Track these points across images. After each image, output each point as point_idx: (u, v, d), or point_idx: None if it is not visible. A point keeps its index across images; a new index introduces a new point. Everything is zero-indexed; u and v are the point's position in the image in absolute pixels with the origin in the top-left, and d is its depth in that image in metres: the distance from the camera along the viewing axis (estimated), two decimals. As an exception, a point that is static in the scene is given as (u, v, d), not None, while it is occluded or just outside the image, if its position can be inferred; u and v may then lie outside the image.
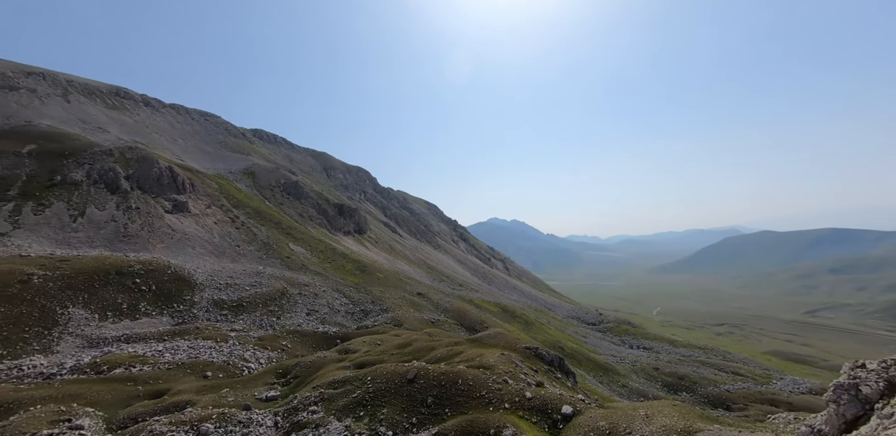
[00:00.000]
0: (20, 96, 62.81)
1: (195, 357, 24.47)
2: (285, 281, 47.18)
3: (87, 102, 73.50)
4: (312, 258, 59.72)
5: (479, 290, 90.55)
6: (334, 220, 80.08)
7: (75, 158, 50.17)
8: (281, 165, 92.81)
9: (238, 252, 51.52)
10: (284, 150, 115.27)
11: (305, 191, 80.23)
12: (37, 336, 23.50)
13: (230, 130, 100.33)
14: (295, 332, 35.40)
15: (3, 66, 66.62)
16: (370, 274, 61.97)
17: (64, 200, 42.34)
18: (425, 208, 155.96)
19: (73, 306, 27.61)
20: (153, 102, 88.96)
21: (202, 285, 39.71)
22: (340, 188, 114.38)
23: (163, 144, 75.12)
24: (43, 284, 27.94)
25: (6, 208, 37.71)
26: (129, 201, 47.73)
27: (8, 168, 43.19)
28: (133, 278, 34.56)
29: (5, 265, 28.35)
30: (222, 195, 61.87)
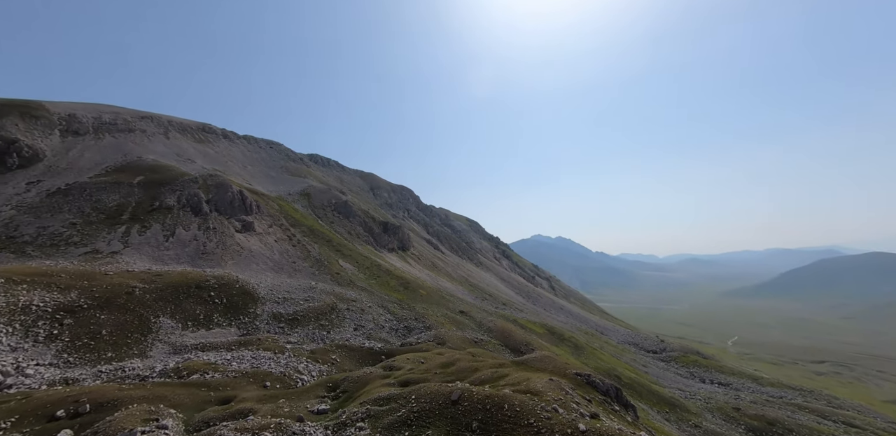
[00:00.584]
0: (135, 136, 76.35)
1: (257, 367, 26.45)
2: (335, 296, 49.71)
3: (181, 138, 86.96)
4: (359, 274, 62.43)
5: (523, 309, 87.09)
6: (379, 237, 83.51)
7: (170, 186, 59.00)
8: (333, 186, 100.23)
9: (294, 268, 55.70)
10: (336, 172, 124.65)
11: (354, 210, 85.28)
12: (136, 342, 27.32)
13: (290, 156, 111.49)
14: (343, 346, 36.82)
15: (126, 113, 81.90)
16: (413, 291, 62.97)
17: (160, 222, 49.67)
18: (466, 225, 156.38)
19: (163, 316, 31.73)
20: (230, 135, 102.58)
21: (264, 299, 43.33)
22: (385, 206, 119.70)
23: (236, 171, 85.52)
24: (142, 296, 32.61)
25: (120, 230, 45.22)
26: (208, 222, 54.51)
27: (123, 196, 52.11)
28: (209, 292, 38.88)
29: (117, 279, 33.69)
30: (282, 215, 68.08)
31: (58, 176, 53.70)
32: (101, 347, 25.95)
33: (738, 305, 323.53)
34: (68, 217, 44.81)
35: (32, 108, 65.28)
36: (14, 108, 63.06)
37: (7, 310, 25.04)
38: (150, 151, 74.00)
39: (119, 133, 74.09)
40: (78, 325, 26.78)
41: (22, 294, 27.29)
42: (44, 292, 28.48)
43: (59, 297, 28.78)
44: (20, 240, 39.15)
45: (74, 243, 41.24)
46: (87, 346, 25.33)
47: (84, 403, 15.98)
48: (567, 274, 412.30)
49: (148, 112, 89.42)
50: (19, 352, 22.36)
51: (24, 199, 45.65)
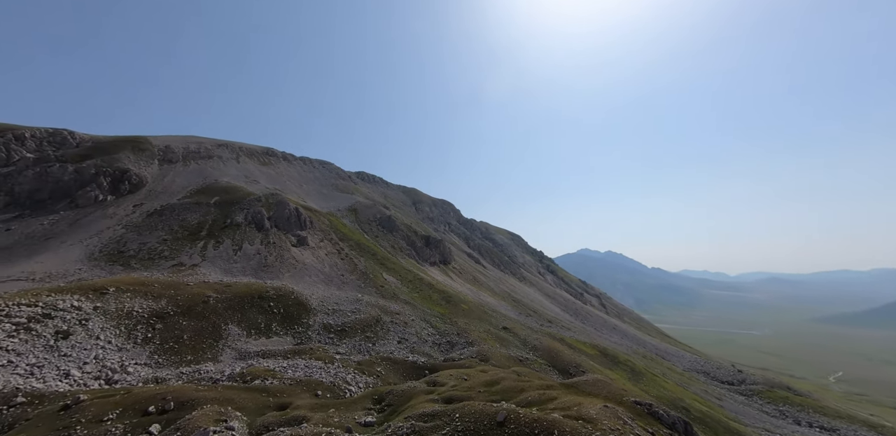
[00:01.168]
0: (213, 162, 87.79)
1: (309, 376, 28.08)
2: (380, 309, 51.36)
3: (249, 162, 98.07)
4: (402, 288, 63.97)
5: (571, 328, 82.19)
6: (421, 251, 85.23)
7: (239, 205, 66.42)
8: (377, 202, 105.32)
9: (342, 281, 58.78)
10: (381, 188, 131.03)
11: (397, 224, 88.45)
12: (209, 347, 30.68)
13: (340, 174, 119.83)
14: (388, 359, 37.68)
15: (207, 142, 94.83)
16: (455, 305, 62.82)
17: (230, 237, 55.87)
18: (508, 239, 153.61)
19: (231, 324, 35.28)
20: (289, 157, 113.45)
21: (315, 310, 46.17)
22: (427, 221, 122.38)
23: (292, 189, 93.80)
24: (215, 305, 36.65)
25: (199, 245, 51.71)
26: (269, 238, 60.07)
27: (202, 215, 59.73)
28: (268, 302, 42.49)
29: (195, 289, 38.34)
30: (332, 230, 72.78)
31: (155, 199, 63.30)
32: (182, 350, 29.51)
33: (838, 333, 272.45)
34: (161, 234, 52.36)
35: (139, 142, 78.42)
36: (127, 142, 76.26)
37: (116, 315, 29.70)
38: (225, 174, 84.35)
39: (201, 160, 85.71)
40: (166, 329, 30.83)
41: (126, 301, 32.22)
42: (142, 300, 33.33)
43: (152, 304, 33.49)
44: (127, 254, 46.47)
45: (165, 257, 47.90)
46: (172, 349, 28.99)
47: (169, 401, 18.23)
48: (619, 291, 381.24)
49: (224, 140, 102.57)
50: (123, 352, 26.29)
51: (131, 219, 54.41)
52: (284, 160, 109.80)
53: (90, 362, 24.03)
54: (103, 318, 29.10)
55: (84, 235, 49.00)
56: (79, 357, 24.12)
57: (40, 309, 26.75)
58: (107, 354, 25.48)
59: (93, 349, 25.30)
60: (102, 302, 30.81)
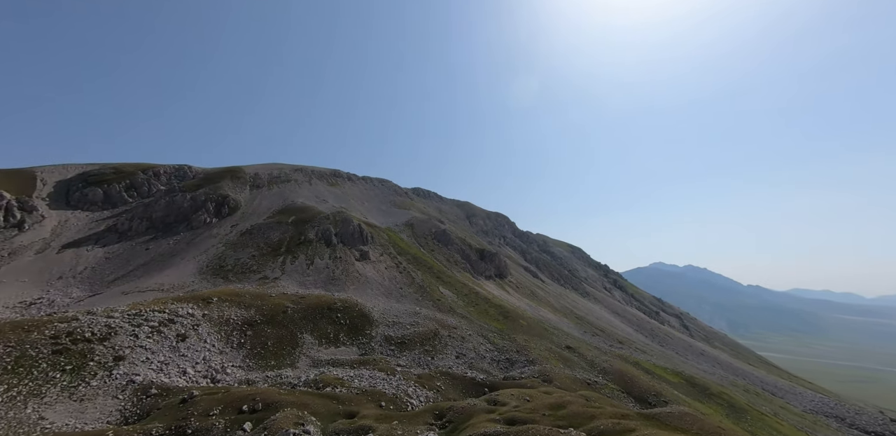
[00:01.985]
0: (290, 185, 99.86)
1: (373, 386, 29.54)
2: (437, 322, 52.12)
3: (319, 183, 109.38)
4: (458, 301, 64.22)
5: (647, 351, 73.75)
6: (476, 264, 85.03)
7: (311, 223, 74.06)
8: (432, 216, 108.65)
9: (401, 294, 61.17)
10: (435, 202, 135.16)
11: (451, 238, 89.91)
12: (288, 354, 34.29)
13: (397, 191, 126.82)
14: (446, 374, 37.88)
15: (286, 168, 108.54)
16: (513, 320, 60.98)
17: (304, 253, 62.31)
18: (568, 252, 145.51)
19: (305, 333, 39.00)
20: (352, 177, 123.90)
21: (377, 322, 48.63)
22: (481, 234, 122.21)
23: (355, 207, 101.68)
24: (292, 315, 40.96)
25: (279, 260, 58.67)
26: (336, 252, 65.56)
27: (282, 233, 67.88)
28: (336, 313, 46.04)
29: (277, 300, 43.38)
30: (391, 245, 76.72)
31: (247, 219, 73.89)
32: (267, 355, 33.43)
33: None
34: (251, 251, 60.67)
35: (236, 172, 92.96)
36: (227, 172, 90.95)
37: (218, 321, 34.99)
38: (300, 195, 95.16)
39: (282, 184, 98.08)
40: (255, 336, 35.31)
41: (225, 309, 37.79)
42: (237, 309, 38.78)
43: (244, 313, 38.74)
44: (226, 268, 54.72)
45: (253, 271, 55.24)
46: (259, 354, 33.05)
47: (258, 402, 20.75)
48: (705, 311, 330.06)
49: (300, 165, 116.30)
50: (223, 355, 30.78)
51: (229, 238, 64.20)
52: (349, 180, 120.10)
53: (200, 362, 28.59)
54: (209, 324, 34.48)
55: (196, 252, 59.02)
56: (192, 357, 28.86)
57: (167, 315, 32.77)
58: (212, 356, 30.05)
59: (202, 351, 30.08)
60: (208, 310, 36.56)
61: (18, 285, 44.38)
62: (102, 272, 51.98)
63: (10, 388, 20.02)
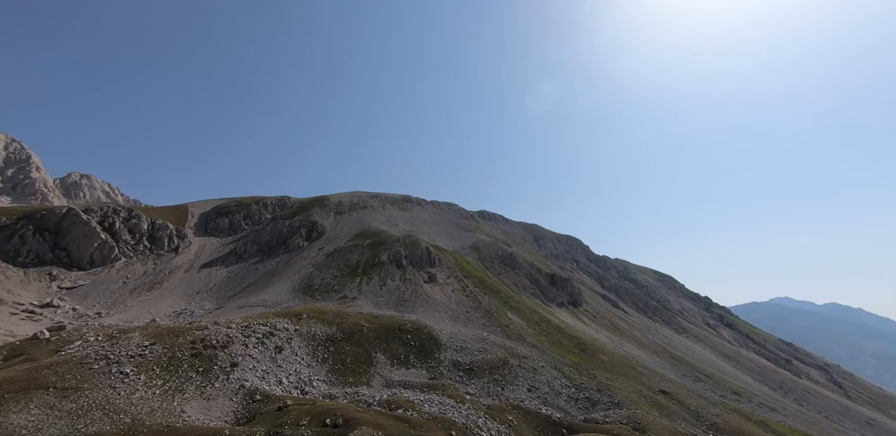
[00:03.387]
0: (367, 211, 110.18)
1: (443, 413, 29.49)
2: (506, 350, 50.18)
3: (392, 209, 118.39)
4: (528, 329, 61.12)
5: (777, 408, 59.35)
6: (546, 290, 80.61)
7: (384, 246, 79.85)
8: (498, 239, 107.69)
9: (468, 318, 60.84)
10: (501, 225, 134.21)
11: (519, 261, 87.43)
12: (364, 372, 36.60)
13: (463, 214, 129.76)
14: (519, 408, 35.83)
15: (364, 195, 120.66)
16: (592, 354, 55.43)
17: (378, 274, 67.03)
18: (655, 280, 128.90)
19: (378, 352, 41.24)
20: (421, 202, 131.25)
21: (445, 346, 48.89)
22: (551, 258, 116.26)
23: (424, 230, 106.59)
24: (367, 334, 43.88)
25: (357, 281, 64.12)
26: (406, 274, 68.96)
27: (359, 255, 74.48)
28: (406, 334, 47.79)
29: (354, 318, 47.11)
30: (457, 267, 77.79)
31: (330, 243, 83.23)
32: (346, 372, 36.16)
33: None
34: (333, 272, 67.68)
35: (323, 200, 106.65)
36: (316, 201, 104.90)
37: (307, 336, 39.42)
38: (374, 220, 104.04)
39: (360, 210, 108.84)
40: (336, 352, 38.66)
41: (313, 325, 42.42)
42: (321, 325, 43.20)
43: (327, 329, 42.90)
44: (313, 287, 61.87)
45: (335, 290, 61.23)
46: (339, 370, 35.95)
47: (339, 417, 22.51)
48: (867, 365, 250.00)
49: (375, 192, 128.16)
50: (311, 368, 34.34)
51: (316, 260, 72.92)
52: (418, 205, 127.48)
53: (292, 373, 32.34)
54: (300, 338, 39.00)
55: (291, 272, 68.16)
56: (286, 369, 32.84)
57: (268, 328, 38.21)
58: (301, 368, 33.77)
59: (294, 363, 34.04)
60: (299, 326, 41.47)
61: (173, 298, 56.73)
62: (225, 288, 63.29)
63: (164, 383, 25.45)
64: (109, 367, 25.82)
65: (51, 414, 20.11)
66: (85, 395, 22.26)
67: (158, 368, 26.98)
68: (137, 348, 28.90)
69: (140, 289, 58.74)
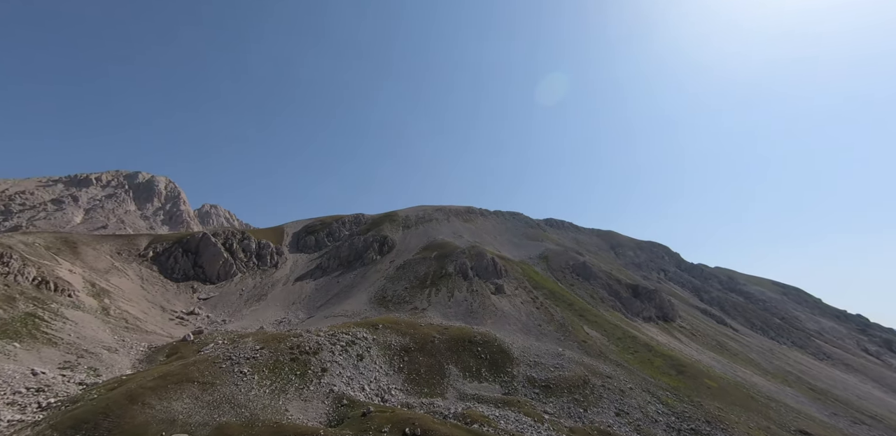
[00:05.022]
0: (433, 224, 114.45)
1: (521, 431, 28.52)
2: (585, 368, 46.53)
3: (456, 221, 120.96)
4: (610, 345, 55.82)
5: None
6: (629, 302, 72.91)
7: (450, 258, 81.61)
8: (569, 248, 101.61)
9: (540, 331, 58.11)
10: (571, 233, 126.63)
11: (594, 271, 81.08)
12: (437, 383, 37.53)
13: (528, 223, 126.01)
14: (607, 433, 32.82)
15: (429, 209, 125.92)
16: (694, 378, 48.07)
17: (445, 286, 68.60)
18: (777, 293, 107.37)
19: (450, 364, 41.90)
20: (485, 212, 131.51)
21: (518, 360, 47.37)
22: (632, 267, 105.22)
23: (488, 241, 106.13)
24: (438, 345, 45.01)
25: (426, 292, 66.56)
26: (473, 286, 69.21)
27: (427, 267, 77.40)
28: (477, 347, 47.66)
29: (425, 329, 48.84)
30: (525, 278, 75.35)
31: (400, 256, 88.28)
32: (421, 382, 37.52)
33: None
34: (404, 283, 71.40)
35: (392, 216, 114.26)
36: (386, 217, 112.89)
37: (384, 346, 42.16)
38: (440, 232, 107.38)
39: (426, 223, 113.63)
40: (410, 362, 40.48)
41: (388, 335, 45.20)
42: (396, 336, 45.75)
43: (401, 339, 45.22)
44: (386, 299, 66.09)
45: (406, 301, 64.39)
46: (414, 380, 37.49)
47: (417, 427, 23.46)
48: None
49: (439, 205, 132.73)
50: (388, 377, 36.56)
51: (388, 272, 77.96)
52: (481, 215, 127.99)
53: (373, 381, 34.81)
54: (377, 347, 41.87)
55: (367, 284, 73.95)
56: (368, 376, 35.51)
57: (350, 337, 41.93)
58: (380, 377, 36.14)
59: (374, 372, 36.63)
60: (377, 335, 44.58)
61: (275, 308, 66.29)
62: (314, 299, 71.48)
63: (272, 383, 29.78)
64: (232, 366, 31.22)
65: (196, 404, 25.12)
66: (217, 389, 27.27)
67: (266, 369, 31.66)
68: (251, 351, 34.39)
69: (251, 300, 69.78)
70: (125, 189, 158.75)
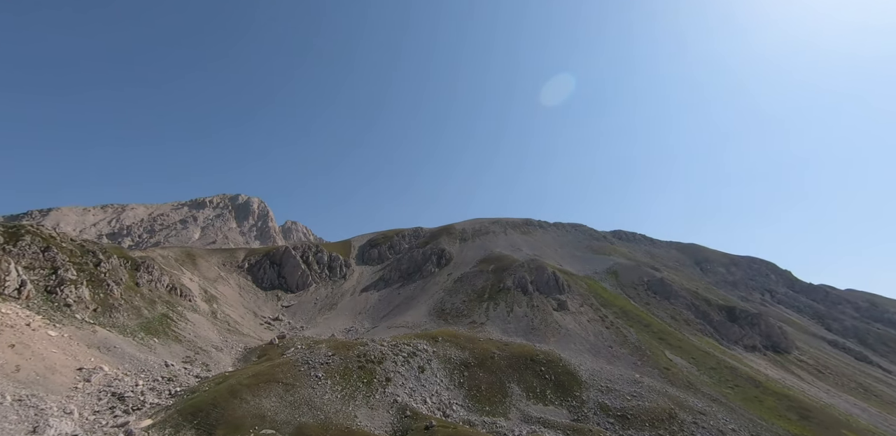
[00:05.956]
0: (489, 237, 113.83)
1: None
2: (670, 400, 41.07)
3: (513, 233, 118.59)
4: (701, 376, 48.51)
5: None
6: (723, 327, 63.00)
7: (508, 271, 79.82)
8: (642, 262, 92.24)
9: (612, 354, 53.02)
10: (644, 246, 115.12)
11: (674, 289, 72.17)
12: (499, 402, 36.45)
13: (593, 235, 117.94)
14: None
15: (485, 221, 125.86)
16: (826, 428, 39.32)
17: (504, 300, 67.04)
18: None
19: (512, 383, 40.42)
20: (544, 224, 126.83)
21: (587, 384, 43.74)
22: (724, 286, 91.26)
23: (549, 254, 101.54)
24: (499, 361, 43.87)
25: (483, 306, 65.81)
26: (533, 301, 66.45)
27: (484, 280, 76.75)
28: (540, 366, 45.28)
29: (484, 344, 48.08)
30: (591, 294, 70.04)
31: (458, 269, 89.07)
32: (482, 399, 36.80)
33: None
34: (462, 296, 71.59)
35: (449, 229, 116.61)
36: (443, 230, 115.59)
37: (444, 359, 42.55)
38: (497, 245, 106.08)
39: (482, 236, 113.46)
40: (470, 378, 40.07)
41: (448, 348, 45.52)
42: (455, 349, 45.85)
43: (460, 353, 45.13)
44: (445, 311, 66.86)
45: (464, 315, 64.28)
46: (475, 396, 36.94)
47: (478, 447, 23.03)
48: None
49: (496, 218, 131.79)
50: (449, 391, 36.67)
51: (446, 285, 79.08)
52: (540, 228, 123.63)
53: (434, 394, 35.23)
54: (437, 360, 42.38)
55: (426, 296, 75.82)
56: (429, 389, 36.07)
57: (411, 348, 43.22)
58: (441, 390, 36.41)
59: (435, 385, 37.08)
60: (436, 348, 45.20)
61: (343, 317, 71.68)
62: (378, 310, 75.51)
63: (343, 388, 32.09)
64: (309, 370, 34.42)
65: (281, 402, 28.22)
66: (297, 391, 30.29)
67: (338, 375, 34.20)
68: (324, 357, 37.56)
69: (324, 308, 76.36)
70: (229, 209, 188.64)
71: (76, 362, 29.90)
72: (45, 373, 26.55)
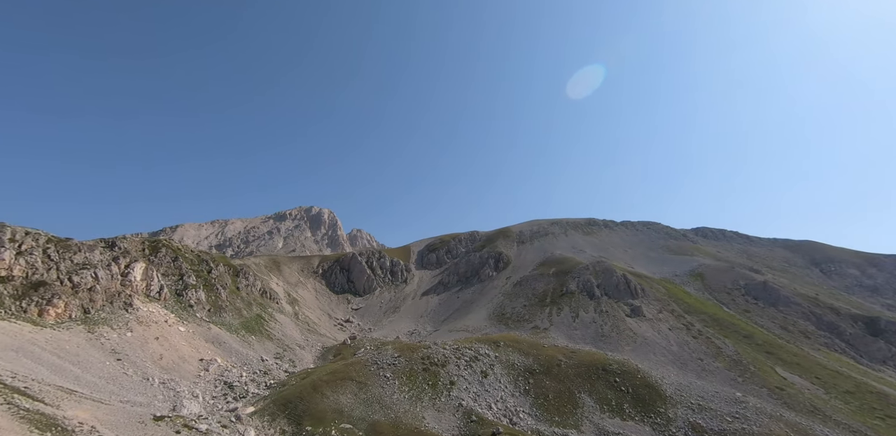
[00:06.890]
0: (549, 238, 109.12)
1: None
2: (787, 426, 34.70)
3: (575, 234, 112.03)
4: (831, 400, 40.10)
5: None
6: (861, 342, 51.49)
7: (571, 274, 75.38)
8: (735, 263, 79.86)
9: (702, 367, 46.60)
10: (737, 244, 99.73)
11: (783, 294, 61.05)
12: (569, 413, 34.44)
13: (670, 234, 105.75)
14: None
15: (544, 223, 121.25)
16: None
17: (568, 305, 63.39)
18: None
19: (583, 393, 37.88)
20: (609, 224, 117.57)
21: (672, 400, 39.04)
22: (860, 291, 74.74)
23: (617, 255, 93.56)
24: (566, 370, 41.50)
25: (546, 311, 63.01)
26: (601, 306, 61.64)
27: (546, 284, 73.57)
28: (614, 377, 41.69)
29: (549, 351, 45.91)
30: (671, 299, 62.59)
31: (516, 272, 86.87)
32: (550, 408, 35.14)
33: None
34: (522, 301, 69.51)
35: (506, 232, 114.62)
36: (500, 233, 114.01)
37: (507, 364, 41.70)
38: (557, 247, 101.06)
39: (541, 238, 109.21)
40: (536, 385, 38.57)
41: (510, 354, 44.50)
42: (518, 355, 44.59)
43: (524, 360, 43.73)
44: (505, 316, 65.53)
45: (526, 320, 62.22)
46: (542, 405, 35.42)
47: (548, 460, 22.02)
48: None
49: (554, 218, 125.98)
50: (515, 398, 35.76)
51: (505, 288, 77.60)
52: (606, 227, 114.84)
53: (499, 400, 34.67)
54: (500, 366, 41.66)
55: (485, 300, 75.26)
56: (493, 394, 35.62)
57: (473, 353, 43.20)
58: (506, 396, 35.68)
59: (499, 390, 36.50)
60: (498, 353, 44.48)
61: (407, 319, 74.78)
62: (438, 313, 77.12)
63: (410, 389, 33.42)
64: (378, 370, 36.53)
65: (356, 399, 30.44)
66: (369, 389, 32.37)
67: (404, 376, 35.70)
68: (391, 358, 39.52)
69: (388, 311, 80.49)
70: (304, 220, 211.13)
71: (198, 354, 36.09)
72: (179, 362, 32.58)
